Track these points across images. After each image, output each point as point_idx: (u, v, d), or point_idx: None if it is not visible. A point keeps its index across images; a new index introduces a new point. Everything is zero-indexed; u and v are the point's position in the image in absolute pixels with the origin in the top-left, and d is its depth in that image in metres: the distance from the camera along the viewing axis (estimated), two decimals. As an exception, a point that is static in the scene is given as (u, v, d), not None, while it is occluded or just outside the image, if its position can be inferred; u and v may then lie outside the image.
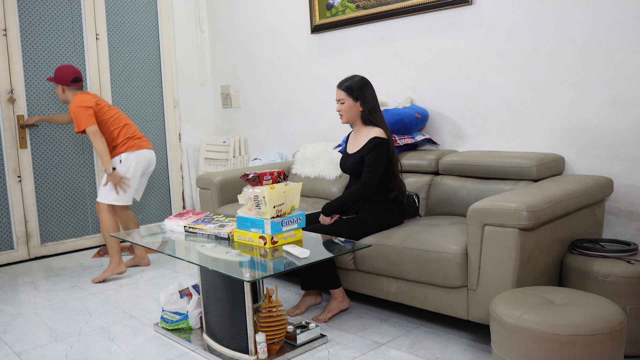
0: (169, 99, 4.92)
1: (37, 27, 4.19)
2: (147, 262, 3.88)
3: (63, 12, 4.30)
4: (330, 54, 4.04)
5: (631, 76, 2.61)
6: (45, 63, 4.24)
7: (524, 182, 2.70)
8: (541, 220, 2.16)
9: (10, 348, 2.59)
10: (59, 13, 4.29)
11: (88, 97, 3.55)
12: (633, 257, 2.23)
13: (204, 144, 4.99)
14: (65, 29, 4.31)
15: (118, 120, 3.63)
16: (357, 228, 2.68)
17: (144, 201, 4.81)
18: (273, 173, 2.40)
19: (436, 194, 3.03)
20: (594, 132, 2.76)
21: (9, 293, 3.42)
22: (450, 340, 2.43)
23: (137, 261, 3.87)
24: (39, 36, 4.21)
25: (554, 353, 1.70)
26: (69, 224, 4.38)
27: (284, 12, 4.34)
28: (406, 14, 3.45)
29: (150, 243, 2.72)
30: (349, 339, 2.48)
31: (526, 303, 1.86)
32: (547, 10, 2.86)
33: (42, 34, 4.22)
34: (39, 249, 4.25)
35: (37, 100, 4.21)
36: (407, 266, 2.45)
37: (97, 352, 2.49)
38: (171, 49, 4.90)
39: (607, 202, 2.74)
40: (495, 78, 3.11)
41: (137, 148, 3.64)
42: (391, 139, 2.76)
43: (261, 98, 4.70)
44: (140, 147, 3.67)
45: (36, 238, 4.22)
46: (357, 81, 2.76)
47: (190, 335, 2.56)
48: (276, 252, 2.30)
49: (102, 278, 3.55)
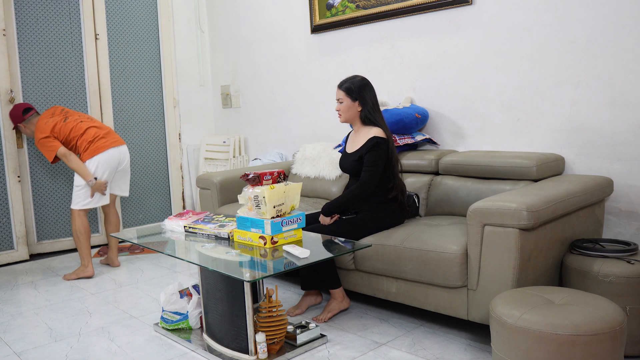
0: (169, 99, 4.92)
1: (35, 28, 4.19)
2: (117, 264, 3.90)
3: (61, 12, 4.30)
4: (330, 54, 4.04)
5: (631, 76, 2.61)
6: (44, 63, 4.24)
7: (524, 182, 2.70)
8: (541, 220, 2.16)
9: (10, 348, 2.59)
10: (58, 13, 4.28)
11: (42, 125, 3.56)
12: (633, 257, 2.23)
13: (204, 144, 4.99)
14: (65, 29, 4.31)
15: (77, 129, 3.60)
16: (357, 228, 2.68)
17: (144, 201, 4.81)
18: (273, 173, 2.40)
19: (436, 194, 3.03)
20: (594, 132, 2.76)
21: (9, 293, 3.42)
22: (450, 340, 2.43)
23: (109, 261, 3.91)
24: (36, 36, 4.21)
25: (554, 353, 1.70)
26: (66, 223, 4.39)
27: (284, 12, 4.34)
28: (406, 14, 3.45)
29: (150, 243, 2.72)
30: (349, 339, 2.48)
31: (526, 303, 1.86)
32: (547, 10, 2.86)
33: (40, 34, 4.22)
34: (34, 247, 4.30)
35: (36, 100, 4.21)
36: (407, 266, 2.45)
37: (97, 352, 2.49)
38: (171, 49, 4.90)
39: (607, 202, 2.74)
40: (495, 78, 3.11)
41: (100, 151, 3.59)
42: (391, 138, 2.76)
43: (261, 98, 4.70)
44: (103, 148, 3.61)
45: (32, 236, 4.27)
46: (357, 82, 2.77)
47: (190, 335, 2.56)
48: (276, 252, 2.30)
49: (72, 277, 3.61)
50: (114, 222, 3.85)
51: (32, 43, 4.19)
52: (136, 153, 4.75)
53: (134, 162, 4.69)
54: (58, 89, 4.31)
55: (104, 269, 3.81)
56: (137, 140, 4.76)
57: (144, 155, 4.81)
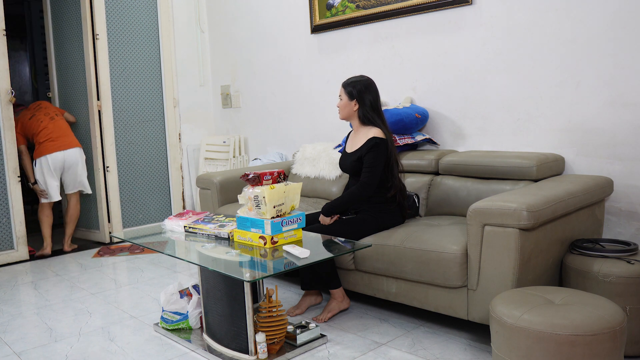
0: (169, 99, 4.92)
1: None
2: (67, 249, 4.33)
3: (61, 12, 4.30)
4: (330, 54, 4.04)
5: (631, 76, 2.61)
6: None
7: (524, 182, 2.70)
8: (541, 221, 2.16)
9: (10, 348, 2.59)
10: (57, 13, 4.29)
11: (16, 119, 4.01)
12: (633, 257, 2.23)
13: (204, 144, 4.99)
14: (63, 29, 4.31)
15: (35, 128, 4.07)
16: (357, 228, 2.68)
17: (144, 201, 4.81)
18: (273, 173, 2.40)
19: (436, 194, 3.03)
20: (594, 132, 2.76)
21: (9, 293, 3.42)
22: (450, 340, 2.43)
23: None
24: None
25: (554, 353, 1.70)
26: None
27: (284, 12, 4.34)
28: (406, 14, 3.45)
29: (150, 243, 2.72)
30: (349, 339, 2.48)
31: (526, 303, 1.86)
32: (547, 10, 2.86)
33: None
34: None
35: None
36: (407, 266, 2.45)
37: (97, 352, 2.49)
38: (171, 49, 4.90)
39: (607, 202, 2.74)
40: (495, 78, 3.11)
41: (44, 153, 4.05)
42: (391, 139, 2.76)
43: (261, 98, 4.70)
44: (49, 151, 4.03)
45: None
46: (358, 82, 2.78)
47: (190, 335, 2.56)
48: (276, 252, 2.30)
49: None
50: (70, 213, 4.34)
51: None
52: (136, 153, 4.75)
53: (134, 162, 4.72)
54: (58, 89, 4.32)
55: (104, 269, 3.81)
56: (137, 140, 4.76)
57: (144, 155, 4.81)
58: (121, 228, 4.61)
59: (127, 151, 4.69)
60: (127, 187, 4.71)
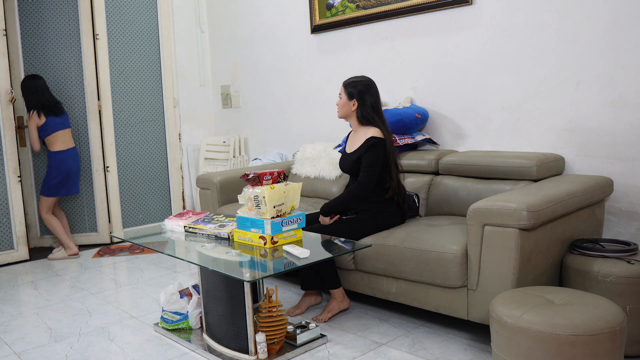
0: (169, 99, 4.92)
1: (36, 28, 4.19)
2: None
3: (61, 12, 4.30)
4: (330, 54, 4.04)
5: (631, 76, 2.61)
6: (44, 63, 4.24)
7: (524, 182, 2.70)
8: (541, 220, 2.16)
9: (10, 348, 2.59)
10: (57, 13, 4.28)
11: None
12: (633, 257, 2.23)
13: (204, 144, 4.99)
14: (63, 29, 4.31)
15: None
16: (357, 228, 2.68)
17: (144, 201, 4.82)
18: (273, 173, 2.40)
19: (436, 194, 3.03)
20: (594, 132, 2.76)
21: (9, 293, 3.42)
22: (450, 340, 2.43)
23: None
24: (38, 36, 4.21)
25: (554, 353, 1.70)
26: (68, 218, 4.41)
27: (284, 12, 4.34)
28: (406, 14, 3.45)
29: (150, 243, 2.72)
30: (349, 339, 2.48)
31: (526, 303, 1.86)
32: (547, 10, 2.86)
33: (41, 34, 4.22)
34: (36, 241, 4.41)
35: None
36: (407, 266, 2.45)
37: (97, 352, 2.49)
38: (171, 49, 4.90)
39: (607, 202, 2.74)
40: (495, 78, 3.11)
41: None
42: (390, 139, 2.76)
43: (261, 98, 4.70)
44: None
45: (35, 229, 4.41)
46: (359, 82, 2.78)
47: (190, 335, 2.56)
48: (276, 252, 2.30)
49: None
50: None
51: (34, 43, 4.19)
52: (136, 153, 4.75)
53: (134, 162, 4.73)
54: (58, 89, 4.31)
55: (104, 269, 3.81)
56: (137, 140, 4.76)
57: (144, 155, 4.81)
58: (121, 228, 4.61)
59: (127, 151, 4.69)
60: (127, 187, 4.71)
